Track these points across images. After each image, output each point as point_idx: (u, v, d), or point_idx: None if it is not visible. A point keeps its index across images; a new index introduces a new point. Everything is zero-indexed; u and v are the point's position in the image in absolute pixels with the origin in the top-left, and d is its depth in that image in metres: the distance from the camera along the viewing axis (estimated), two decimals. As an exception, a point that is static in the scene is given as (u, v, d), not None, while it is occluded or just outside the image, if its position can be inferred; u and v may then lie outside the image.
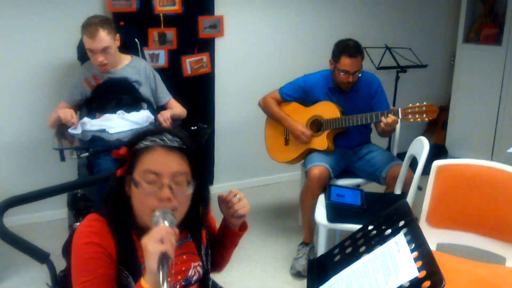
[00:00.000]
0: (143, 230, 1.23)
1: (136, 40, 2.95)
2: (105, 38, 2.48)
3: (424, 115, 2.50)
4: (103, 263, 1.16)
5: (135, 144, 1.21)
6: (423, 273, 1.02)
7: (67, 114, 2.50)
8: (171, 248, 1.06)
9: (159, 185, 1.16)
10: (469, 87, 4.32)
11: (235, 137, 3.82)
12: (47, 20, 3.02)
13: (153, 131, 1.23)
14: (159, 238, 1.05)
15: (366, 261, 1.20)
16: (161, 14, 3.27)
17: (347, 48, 2.71)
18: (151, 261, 1.03)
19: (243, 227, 1.42)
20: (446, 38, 4.58)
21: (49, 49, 3.06)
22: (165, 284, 1.02)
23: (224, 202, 1.34)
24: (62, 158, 2.47)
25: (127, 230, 1.22)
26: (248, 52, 3.70)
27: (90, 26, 2.45)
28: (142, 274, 1.20)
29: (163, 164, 1.17)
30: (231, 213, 1.34)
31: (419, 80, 4.43)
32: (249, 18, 3.63)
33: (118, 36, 2.60)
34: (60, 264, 1.43)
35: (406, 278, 1.05)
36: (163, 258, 1.04)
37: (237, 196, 1.32)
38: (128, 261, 1.20)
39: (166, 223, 1.11)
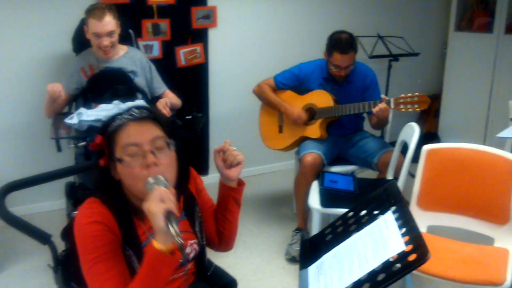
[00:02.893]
0: (140, 210, 1.27)
1: (130, 31, 2.96)
2: (111, 21, 2.52)
3: (416, 106, 2.53)
4: (109, 239, 1.20)
5: (107, 129, 1.25)
6: (410, 247, 1.07)
7: (54, 86, 2.50)
8: (174, 206, 1.10)
9: (142, 154, 1.20)
10: (461, 75, 4.36)
11: (230, 127, 3.85)
12: (42, 11, 3.03)
13: (120, 112, 1.27)
14: (159, 199, 1.10)
15: (356, 238, 1.25)
16: (154, 5, 3.28)
17: (339, 44, 2.70)
18: (158, 220, 1.07)
19: (241, 183, 1.46)
20: (438, 26, 4.62)
21: (45, 41, 3.08)
22: (179, 238, 1.06)
23: (220, 155, 1.38)
24: (59, 149, 2.49)
25: (125, 211, 1.25)
26: (241, 42, 3.72)
27: (97, 9, 2.50)
28: (143, 252, 1.24)
29: (139, 134, 1.21)
30: (229, 162, 1.38)
31: (411, 68, 4.47)
32: (242, 8, 3.65)
33: (119, 23, 2.63)
34: (60, 248, 1.47)
35: (393, 252, 1.10)
36: (169, 215, 1.08)
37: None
38: (130, 239, 1.24)
39: (162, 186, 1.15)
